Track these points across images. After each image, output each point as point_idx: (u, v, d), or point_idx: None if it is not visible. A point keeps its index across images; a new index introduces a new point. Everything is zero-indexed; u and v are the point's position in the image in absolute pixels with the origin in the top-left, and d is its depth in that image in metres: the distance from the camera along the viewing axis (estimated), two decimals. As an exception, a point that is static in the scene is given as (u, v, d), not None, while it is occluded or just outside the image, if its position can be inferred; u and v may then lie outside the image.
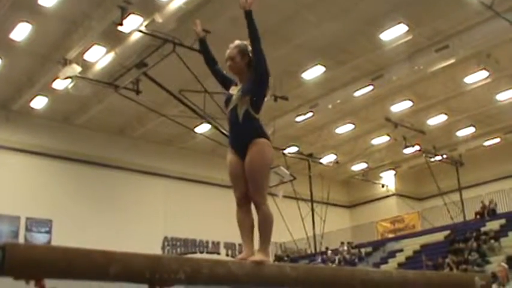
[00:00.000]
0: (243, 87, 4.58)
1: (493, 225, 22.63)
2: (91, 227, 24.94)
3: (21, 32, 19.72)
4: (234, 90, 4.66)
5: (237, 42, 4.73)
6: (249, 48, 4.63)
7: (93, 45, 20.28)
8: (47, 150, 25.92)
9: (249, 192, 4.50)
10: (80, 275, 3.22)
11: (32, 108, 24.62)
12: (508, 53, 21.72)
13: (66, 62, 20.28)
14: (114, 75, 21.34)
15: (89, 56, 20.72)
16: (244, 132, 4.53)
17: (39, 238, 24.82)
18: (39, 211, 24.97)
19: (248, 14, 4.53)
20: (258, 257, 4.29)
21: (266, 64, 4.57)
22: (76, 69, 20.35)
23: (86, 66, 20.91)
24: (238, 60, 4.62)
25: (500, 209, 25.40)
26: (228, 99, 4.66)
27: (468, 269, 18.25)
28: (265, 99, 4.70)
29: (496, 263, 18.38)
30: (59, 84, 21.97)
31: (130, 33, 19.34)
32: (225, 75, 4.95)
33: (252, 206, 4.61)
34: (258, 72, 4.56)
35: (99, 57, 20.84)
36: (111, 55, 20.57)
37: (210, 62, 5.03)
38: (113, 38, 19.79)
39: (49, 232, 25.39)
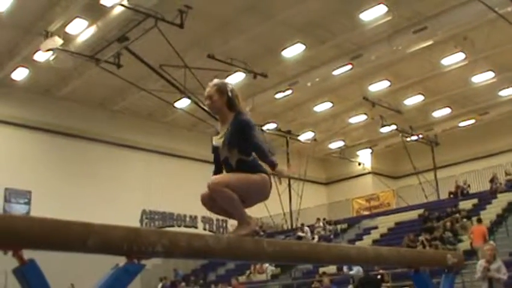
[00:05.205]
0: (226, 136, 4.33)
1: (466, 204, 23.04)
2: (70, 198, 25.04)
3: (2, 3, 19.59)
4: (216, 139, 4.43)
5: (215, 81, 4.51)
6: (229, 87, 4.40)
7: (75, 18, 20.24)
8: (27, 122, 25.91)
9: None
10: (58, 246, 3.22)
11: (13, 80, 24.52)
12: (483, 35, 22.01)
13: (47, 35, 20.27)
14: (96, 49, 21.40)
15: (70, 29, 20.69)
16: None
17: (18, 209, 24.83)
18: (18, 182, 25.01)
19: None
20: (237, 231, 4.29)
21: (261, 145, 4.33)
22: (58, 41, 20.35)
23: (67, 39, 20.88)
24: (217, 99, 4.35)
25: (473, 189, 25.89)
26: (215, 148, 4.45)
27: (438, 246, 18.60)
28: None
29: (469, 242, 18.78)
30: (41, 56, 21.94)
31: (112, 7, 19.38)
32: None
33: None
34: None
35: (81, 30, 20.81)
36: (92, 28, 20.59)
37: None
38: (95, 11, 19.82)
39: (28, 203, 25.47)
